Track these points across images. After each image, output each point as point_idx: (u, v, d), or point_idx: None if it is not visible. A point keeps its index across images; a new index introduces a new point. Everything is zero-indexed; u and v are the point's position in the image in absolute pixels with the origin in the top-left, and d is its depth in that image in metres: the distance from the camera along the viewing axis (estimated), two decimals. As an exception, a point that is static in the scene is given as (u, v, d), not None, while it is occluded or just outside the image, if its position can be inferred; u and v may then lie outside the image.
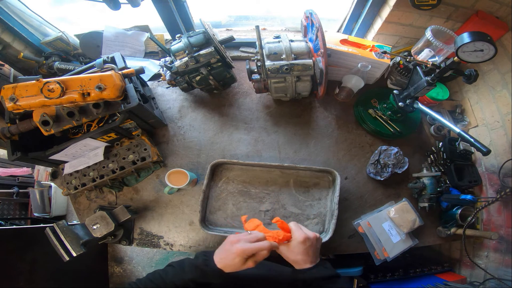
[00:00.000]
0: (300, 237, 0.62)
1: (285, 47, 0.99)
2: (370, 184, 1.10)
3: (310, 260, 0.62)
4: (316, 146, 1.15)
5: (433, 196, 1.04)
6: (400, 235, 1.00)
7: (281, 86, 1.06)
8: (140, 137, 1.06)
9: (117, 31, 1.30)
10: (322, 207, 1.04)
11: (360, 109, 1.16)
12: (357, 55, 1.09)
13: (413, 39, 1.20)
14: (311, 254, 0.62)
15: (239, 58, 1.32)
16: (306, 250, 0.62)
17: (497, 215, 1.03)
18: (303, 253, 0.62)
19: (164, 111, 1.21)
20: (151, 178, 1.10)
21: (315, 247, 0.63)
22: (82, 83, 0.82)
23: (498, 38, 1.01)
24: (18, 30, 1.16)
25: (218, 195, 1.06)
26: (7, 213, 1.85)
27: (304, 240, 0.61)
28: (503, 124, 1.03)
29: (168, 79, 1.11)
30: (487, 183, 1.09)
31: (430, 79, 0.87)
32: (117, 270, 1.81)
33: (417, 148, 1.17)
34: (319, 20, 0.95)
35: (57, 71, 1.21)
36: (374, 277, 1.14)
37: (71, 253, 0.83)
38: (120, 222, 0.94)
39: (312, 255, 0.62)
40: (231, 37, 1.09)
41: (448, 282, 1.04)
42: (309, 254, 0.62)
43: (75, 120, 0.86)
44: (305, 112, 1.20)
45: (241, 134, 1.16)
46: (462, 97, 1.22)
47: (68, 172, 1.02)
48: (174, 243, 1.04)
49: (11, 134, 0.87)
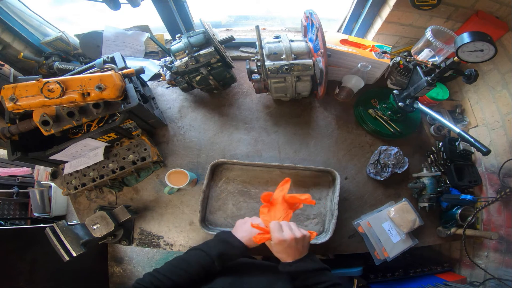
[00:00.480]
0: (274, 239, 0.63)
1: (285, 47, 0.99)
2: (370, 184, 1.10)
3: (292, 258, 0.63)
4: (316, 146, 1.15)
5: (433, 196, 1.04)
6: (400, 235, 1.00)
7: (281, 86, 1.06)
8: (140, 137, 1.06)
9: (117, 31, 1.30)
10: (322, 207, 1.04)
11: (360, 109, 1.16)
12: (357, 55, 1.09)
13: (413, 39, 1.20)
14: (291, 253, 0.63)
15: (239, 58, 1.32)
16: (285, 250, 0.63)
17: (497, 215, 1.03)
18: (282, 252, 0.63)
19: (164, 111, 1.21)
20: (151, 178, 1.10)
21: (294, 247, 0.63)
22: (82, 83, 0.82)
23: (498, 38, 1.01)
24: (18, 30, 1.16)
25: (218, 195, 1.06)
26: (7, 213, 1.85)
27: (279, 243, 0.62)
28: (503, 124, 1.03)
29: (168, 79, 1.11)
30: (487, 183, 1.09)
31: (430, 79, 0.87)
32: (117, 270, 1.81)
33: (417, 148, 1.17)
34: (319, 20, 0.95)
35: (57, 71, 1.21)
36: (374, 277, 1.14)
37: (71, 253, 0.83)
38: (120, 222, 0.94)
39: (293, 253, 0.63)
40: (231, 37, 1.09)
41: (448, 282, 1.04)
42: (288, 253, 0.63)
43: (75, 120, 0.86)
44: (305, 112, 1.20)
45: (241, 134, 1.16)
46: (462, 97, 1.22)
47: (68, 172, 1.02)
48: (174, 243, 1.04)
49: (11, 134, 0.87)
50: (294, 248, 0.63)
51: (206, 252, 0.64)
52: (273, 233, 0.64)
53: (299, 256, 0.63)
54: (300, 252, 0.64)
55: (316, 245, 0.94)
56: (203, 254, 0.64)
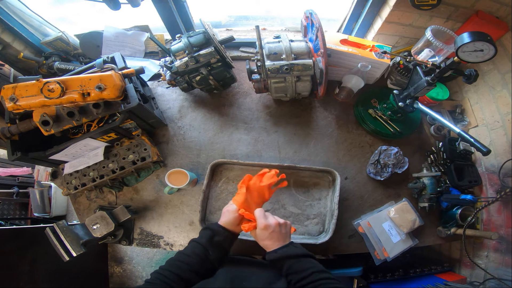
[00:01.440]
0: (260, 224, 0.68)
1: (285, 47, 0.99)
2: (370, 184, 1.10)
3: (278, 244, 0.67)
4: (316, 146, 1.15)
5: (433, 196, 1.04)
6: (400, 235, 1.00)
7: (281, 86, 1.06)
8: (140, 137, 1.06)
9: (117, 31, 1.30)
10: (322, 207, 1.04)
11: (360, 109, 1.16)
12: (357, 55, 1.09)
13: (413, 39, 1.20)
14: (275, 238, 0.67)
15: (239, 58, 1.32)
16: (270, 235, 0.67)
17: (497, 215, 1.03)
18: (268, 238, 0.67)
19: (164, 111, 1.21)
20: (151, 178, 1.10)
21: (278, 232, 0.67)
22: (82, 83, 0.82)
23: (498, 38, 1.01)
24: (18, 30, 1.16)
25: (218, 195, 1.06)
26: (7, 213, 1.85)
27: (264, 227, 0.67)
28: (503, 124, 1.03)
29: (168, 79, 1.11)
30: (487, 183, 1.09)
31: (430, 79, 0.87)
32: (117, 270, 1.81)
33: (417, 148, 1.17)
34: (319, 20, 0.95)
35: (57, 71, 1.21)
36: (374, 277, 1.14)
37: (71, 253, 0.83)
38: (120, 222, 0.94)
39: (277, 239, 0.67)
40: (231, 37, 1.09)
41: (448, 282, 1.04)
42: (273, 239, 0.67)
43: (75, 120, 0.86)
44: (305, 112, 1.20)
45: (241, 134, 1.16)
46: (462, 97, 1.22)
47: (68, 172, 1.02)
48: (174, 243, 1.04)
49: (11, 134, 0.87)
50: (278, 233, 0.67)
51: (198, 241, 0.68)
52: (259, 219, 0.69)
53: (283, 242, 0.67)
54: (284, 238, 0.68)
55: (316, 245, 0.94)
56: (196, 244, 0.68)
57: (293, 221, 1.03)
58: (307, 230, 1.02)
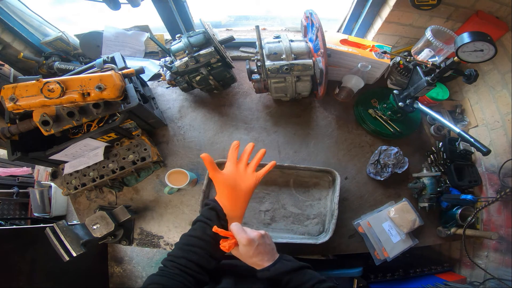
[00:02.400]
0: (243, 240, 0.58)
1: (285, 47, 0.99)
2: (370, 184, 1.10)
3: (267, 259, 0.59)
4: (316, 146, 1.14)
5: (433, 196, 1.04)
6: (400, 235, 1.00)
7: (281, 86, 1.06)
8: (140, 137, 1.06)
9: (117, 31, 1.30)
10: (322, 207, 1.04)
11: (360, 109, 1.16)
12: (357, 55, 1.09)
13: (413, 39, 1.20)
14: (263, 252, 0.59)
15: (239, 58, 1.32)
16: (256, 250, 0.59)
17: (497, 215, 1.03)
18: (254, 255, 0.59)
19: (164, 111, 1.21)
20: (151, 178, 1.10)
21: (264, 245, 0.60)
22: (82, 83, 0.82)
23: (498, 38, 1.01)
24: (18, 30, 1.16)
25: (218, 195, 1.06)
26: (7, 213, 1.85)
27: (248, 243, 0.58)
28: (503, 124, 1.03)
29: (168, 79, 1.11)
30: (487, 183, 1.09)
31: (430, 79, 0.87)
32: (117, 270, 1.81)
33: (417, 148, 1.17)
34: (319, 20, 0.95)
35: (57, 71, 1.21)
36: (374, 277, 1.14)
37: (71, 253, 0.83)
38: (120, 222, 0.94)
39: (265, 253, 0.59)
40: (231, 37, 1.09)
41: (448, 282, 1.04)
42: (261, 253, 0.59)
43: (75, 120, 0.86)
44: (305, 112, 1.20)
45: (241, 134, 1.16)
46: (462, 97, 1.22)
47: (68, 172, 1.02)
48: (174, 243, 1.04)
49: (11, 134, 0.87)
50: (264, 245, 0.60)
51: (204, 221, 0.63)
52: (238, 235, 0.59)
53: (271, 256, 0.60)
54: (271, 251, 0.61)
55: (316, 245, 0.94)
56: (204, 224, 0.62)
57: (293, 221, 1.03)
58: (307, 230, 1.02)
